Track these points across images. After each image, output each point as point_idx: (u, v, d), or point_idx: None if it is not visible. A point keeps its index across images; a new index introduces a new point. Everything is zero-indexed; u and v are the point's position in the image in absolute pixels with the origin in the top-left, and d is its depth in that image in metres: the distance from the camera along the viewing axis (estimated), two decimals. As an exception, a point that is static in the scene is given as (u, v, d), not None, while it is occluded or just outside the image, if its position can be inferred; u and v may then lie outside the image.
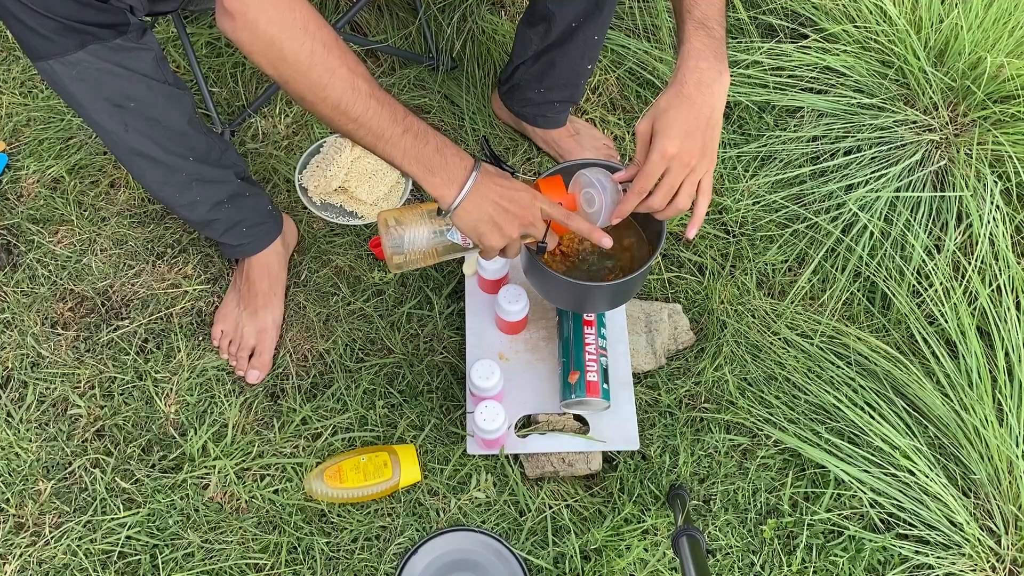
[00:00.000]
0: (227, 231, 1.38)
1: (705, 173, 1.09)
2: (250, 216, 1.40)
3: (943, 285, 1.46)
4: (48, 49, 1.06)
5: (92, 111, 1.15)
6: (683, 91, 1.04)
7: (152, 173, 1.26)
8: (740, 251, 1.58)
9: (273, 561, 1.30)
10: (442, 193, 1.03)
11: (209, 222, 1.36)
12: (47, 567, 1.29)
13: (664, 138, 1.05)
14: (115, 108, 1.14)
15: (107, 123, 1.16)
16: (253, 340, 1.44)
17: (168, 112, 1.20)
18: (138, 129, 1.18)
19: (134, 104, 1.15)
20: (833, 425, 1.40)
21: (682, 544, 1.09)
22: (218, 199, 1.33)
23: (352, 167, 1.60)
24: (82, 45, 1.07)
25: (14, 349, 1.45)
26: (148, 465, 1.37)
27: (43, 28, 1.04)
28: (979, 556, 1.27)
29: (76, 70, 1.09)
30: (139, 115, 1.17)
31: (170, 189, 1.28)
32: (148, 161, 1.23)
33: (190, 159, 1.26)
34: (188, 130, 1.24)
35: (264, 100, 1.69)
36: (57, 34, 1.05)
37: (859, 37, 1.66)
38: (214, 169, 1.30)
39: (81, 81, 1.10)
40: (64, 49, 1.06)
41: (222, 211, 1.35)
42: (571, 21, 1.37)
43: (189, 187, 1.29)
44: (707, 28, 1.06)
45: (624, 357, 1.41)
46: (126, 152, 1.22)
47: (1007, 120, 1.53)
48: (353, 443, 1.40)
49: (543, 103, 1.56)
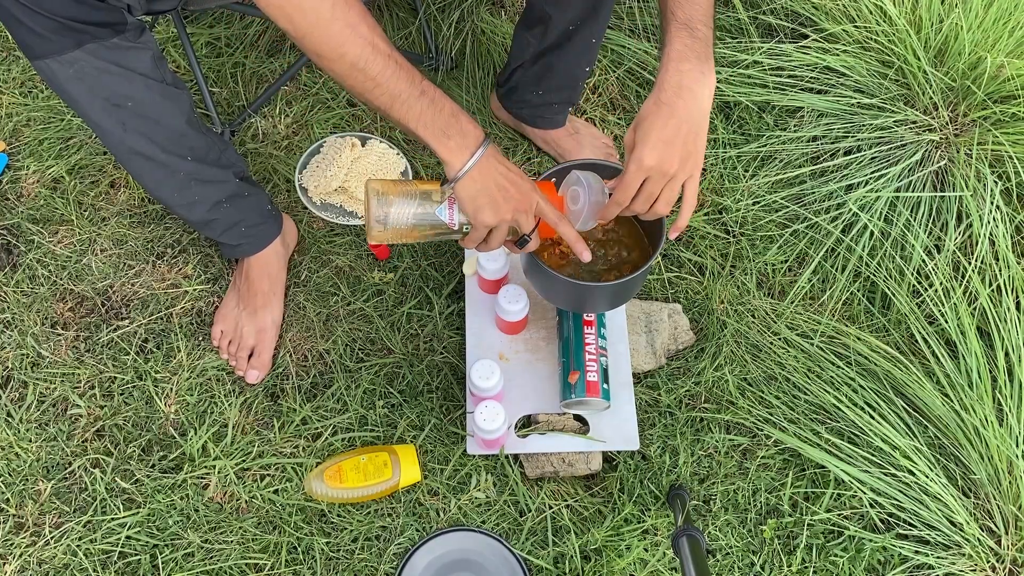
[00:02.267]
0: (226, 231, 1.38)
1: (689, 178, 1.09)
2: (249, 216, 1.40)
3: (943, 285, 1.46)
4: (45, 48, 1.06)
5: (90, 110, 1.14)
6: (661, 97, 1.04)
7: (150, 173, 1.25)
8: (740, 251, 1.58)
9: (273, 561, 1.30)
10: (453, 158, 1.02)
11: (208, 222, 1.36)
12: (47, 567, 1.29)
13: (641, 149, 1.04)
14: (113, 107, 1.14)
15: (105, 122, 1.16)
16: (252, 340, 1.44)
17: (166, 112, 1.19)
18: (136, 128, 1.18)
19: (132, 103, 1.15)
20: (833, 425, 1.40)
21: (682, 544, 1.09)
22: (217, 199, 1.33)
23: (352, 167, 1.60)
24: (79, 44, 1.06)
25: (14, 349, 1.45)
26: (148, 465, 1.37)
27: (40, 27, 1.04)
28: (979, 556, 1.27)
29: (73, 69, 1.08)
30: (137, 114, 1.16)
31: (168, 189, 1.28)
32: (146, 161, 1.23)
33: (188, 159, 1.25)
34: (187, 130, 1.23)
35: (264, 100, 1.69)
36: (54, 33, 1.04)
37: (859, 37, 1.66)
38: (213, 169, 1.30)
39: (79, 80, 1.10)
40: (61, 48, 1.06)
41: (221, 211, 1.34)
42: (568, 24, 1.36)
43: (188, 187, 1.28)
44: (690, 29, 1.05)
45: (624, 357, 1.41)
46: (124, 152, 1.21)
47: (1007, 120, 1.53)
48: (353, 443, 1.40)
49: (541, 105, 1.56)
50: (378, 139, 1.65)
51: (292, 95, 1.73)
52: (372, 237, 1.09)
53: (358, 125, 1.70)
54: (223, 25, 1.80)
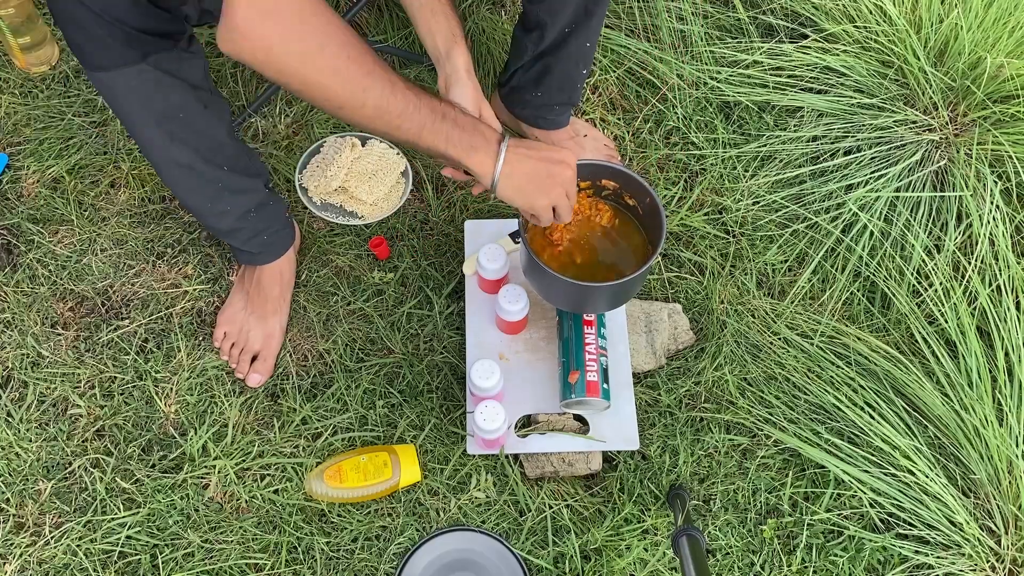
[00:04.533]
0: (250, 239, 1.39)
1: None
2: (272, 224, 1.40)
3: (943, 285, 1.46)
4: (110, 60, 1.06)
5: (142, 123, 1.14)
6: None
7: (187, 183, 1.26)
8: (740, 251, 1.58)
9: (273, 561, 1.30)
10: (483, 169, 1.05)
11: (234, 231, 1.36)
12: (47, 567, 1.29)
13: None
14: (165, 119, 1.15)
15: (154, 134, 1.16)
16: (258, 344, 1.43)
17: (211, 121, 1.20)
18: (182, 139, 1.18)
19: (183, 115, 1.15)
20: (833, 425, 1.40)
21: (682, 544, 1.09)
22: (247, 208, 1.33)
23: (352, 167, 1.60)
24: (144, 56, 1.06)
25: (14, 349, 1.45)
26: (148, 465, 1.37)
27: (110, 37, 1.03)
28: (979, 556, 1.27)
29: (137, 80, 1.08)
30: (186, 126, 1.17)
31: (203, 199, 1.29)
32: (187, 171, 1.23)
33: (225, 168, 1.26)
34: (226, 139, 1.24)
35: (264, 100, 1.69)
36: (122, 44, 1.04)
37: (859, 37, 1.66)
38: (244, 178, 1.30)
39: (136, 93, 1.10)
40: (127, 60, 1.06)
41: (248, 220, 1.35)
42: (563, 27, 1.37)
43: (221, 197, 1.29)
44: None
45: (624, 357, 1.41)
46: (166, 162, 1.21)
47: (1007, 120, 1.53)
48: (353, 443, 1.40)
49: (542, 106, 1.56)
50: (378, 139, 1.65)
51: (292, 95, 1.73)
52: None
53: (358, 125, 1.70)
54: (223, 25, 1.80)
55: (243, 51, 0.88)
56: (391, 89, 0.96)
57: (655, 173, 1.66)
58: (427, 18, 1.22)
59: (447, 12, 1.23)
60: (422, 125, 1.00)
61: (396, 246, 1.57)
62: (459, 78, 1.20)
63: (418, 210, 1.62)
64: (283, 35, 0.88)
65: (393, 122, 0.98)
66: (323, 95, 0.94)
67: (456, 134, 1.02)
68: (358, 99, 0.95)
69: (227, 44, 0.88)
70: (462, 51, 1.21)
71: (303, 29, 0.89)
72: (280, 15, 0.87)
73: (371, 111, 0.96)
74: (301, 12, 0.88)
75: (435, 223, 1.60)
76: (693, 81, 1.74)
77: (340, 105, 0.95)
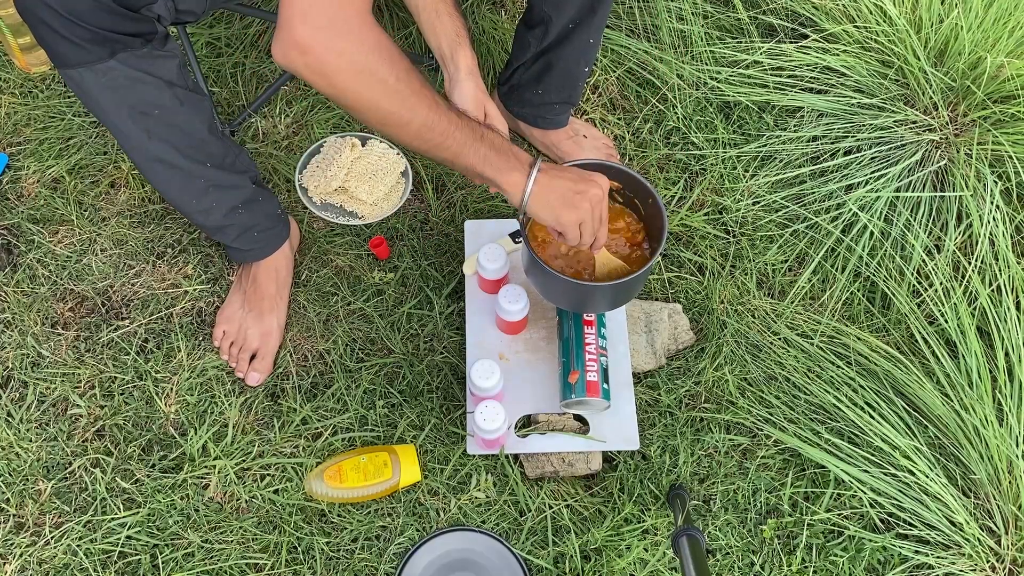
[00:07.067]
0: (239, 236, 1.39)
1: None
2: (262, 221, 1.40)
3: (943, 285, 1.46)
4: (80, 57, 1.07)
5: (117, 119, 1.15)
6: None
7: (170, 179, 1.27)
8: (740, 251, 1.58)
9: (273, 561, 1.30)
10: (515, 188, 1.07)
11: (223, 227, 1.37)
12: (47, 567, 1.29)
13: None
14: (140, 115, 1.16)
15: (131, 130, 1.17)
16: (256, 343, 1.43)
17: (190, 118, 1.21)
18: (160, 136, 1.19)
19: (158, 111, 1.16)
20: (833, 425, 1.40)
21: (682, 544, 1.09)
22: (233, 204, 1.34)
23: (352, 167, 1.60)
24: (113, 53, 1.08)
25: (14, 349, 1.45)
26: (148, 465, 1.37)
27: (75, 36, 1.04)
28: (979, 556, 1.27)
29: (106, 78, 1.09)
30: (163, 122, 1.18)
31: (187, 195, 1.30)
32: (168, 168, 1.24)
33: (208, 165, 1.27)
34: (208, 136, 1.25)
35: (264, 100, 1.69)
36: (89, 43, 1.05)
37: (859, 37, 1.66)
38: (230, 175, 1.31)
39: (110, 89, 1.11)
40: (95, 58, 1.07)
41: (236, 216, 1.35)
42: (567, 23, 1.37)
43: (206, 193, 1.30)
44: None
45: (624, 357, 1.41)
46: (147, 159, 1.23)
47: (1007, 120, 1.53)
48: (353, 443, 1.40)
49: (542, 104, 1.56)
50: (378, 139, 1.65)
51: (292, 95, 1.73)
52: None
53: (358, 125, 1.70)
54: (223, 25, 1.80)
55: (298, 66, 0.91)
56: (436, 109, 0.99)
57: (655, 173, 1.66)
58: (431, 19, 1.24)
59: (451, 13, 1.24)
60: (462, 145, 1.03)
61: (396, 246, 1.57)
62: (463, 78, 1.22)
63: (418, 210, 1.62)
64: (340, 52, 0.91)
65: (435, 140, 1.01)
66: (374, 112, 0.97)
67: (492, 155, 1.06)
68: (405, 117, 0.98)
69: (282, 58, 0.91)
70: (466, 52, 1.23)
71: (359, 47, 0.92)
72: (335, 31, 0.90)
73: (416, 129, 0.99)
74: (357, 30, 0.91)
75: (435, 223, 1.60)
76: (693, 81, 1.74)
77: (386, 122, 0.98)
